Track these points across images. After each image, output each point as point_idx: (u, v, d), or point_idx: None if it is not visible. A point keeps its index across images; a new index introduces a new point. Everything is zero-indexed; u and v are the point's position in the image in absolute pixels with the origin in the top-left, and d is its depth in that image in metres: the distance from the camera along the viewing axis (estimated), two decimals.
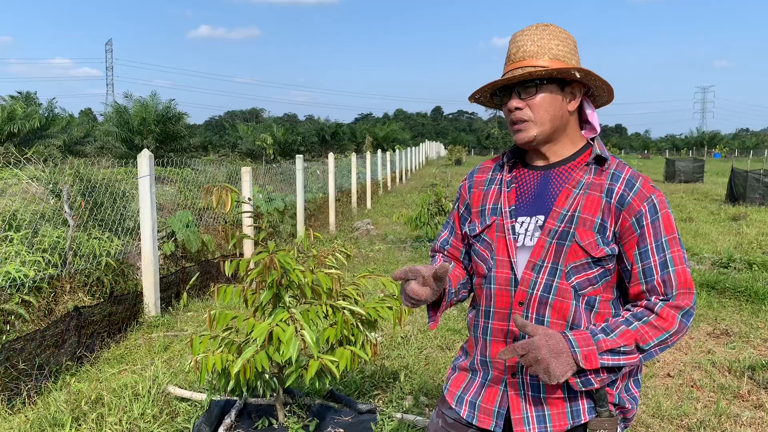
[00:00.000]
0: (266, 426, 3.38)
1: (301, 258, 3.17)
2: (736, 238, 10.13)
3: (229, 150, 38.79)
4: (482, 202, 1.75)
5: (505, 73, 1.63)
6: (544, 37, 1.61)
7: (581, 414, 1.59)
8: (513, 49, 1.64)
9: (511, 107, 1.62)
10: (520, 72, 1.57)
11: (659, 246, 1.54)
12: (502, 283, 1.64)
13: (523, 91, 1.60)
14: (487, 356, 1.70)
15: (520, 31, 1.66)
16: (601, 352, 1.47)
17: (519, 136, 1.63)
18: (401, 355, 4.70)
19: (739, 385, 4.18)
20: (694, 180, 24.05)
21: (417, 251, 9.48)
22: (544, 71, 1.54)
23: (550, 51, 1.59)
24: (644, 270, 1.54)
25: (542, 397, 1.61)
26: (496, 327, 1.67)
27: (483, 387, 1.71)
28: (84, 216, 6.26)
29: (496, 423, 1.66)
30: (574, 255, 1.57)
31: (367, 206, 16.46)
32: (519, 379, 1.63)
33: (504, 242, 1.65)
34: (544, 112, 1.60)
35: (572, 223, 1.57)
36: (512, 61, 1.63)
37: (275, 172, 12.91)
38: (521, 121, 1.62)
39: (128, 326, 5.44)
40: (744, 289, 6.46)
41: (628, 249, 1.56)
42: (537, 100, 1.59)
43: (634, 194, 1.56)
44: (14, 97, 28.84)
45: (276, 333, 2.77)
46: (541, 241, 1.60)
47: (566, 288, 1.57)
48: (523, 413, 1.62)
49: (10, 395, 3.86)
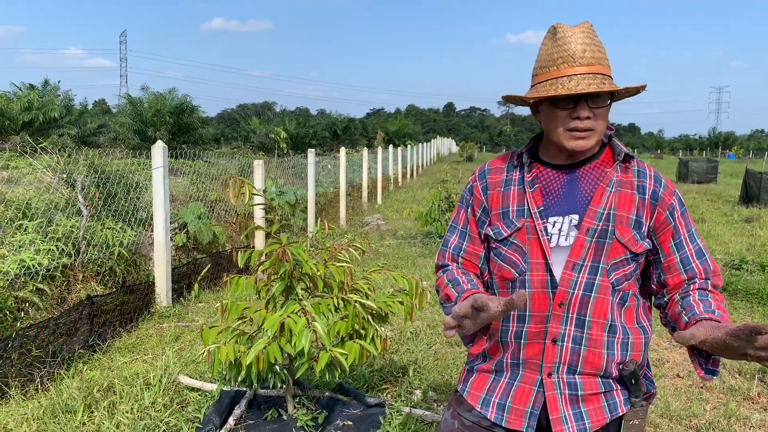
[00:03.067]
0: (275, 417, 3.41)
1: (314, 251, 3.18)
2: (749, 240, 10.05)
3: (242, 143, 38.90)
4: (503, 204, 1.70)
5: (569, 75, 1.54)
6: (596, 41, 1.58)
7: (618, 407, 1.63)
8: (576, 47, 1.55)
9: (581, 116, 1.55)
10: (607, 85, 1.53)
11: (691, 236, 1.63)
12: (538, 286, 1.62)
13: (593, 100, 1.55)
14: (519, 358, 1.67)
15: (577, 28, 1.57)
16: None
17: (579, 144, 1.58)
18: (410, 350, 4.72)
19: (749, 388, 4.16)
20: (707, 181, 23.83)
21: (427, 247, 9.48)
22: (633, 89, 1.57)
23: (605, 56, 1.59)
24: (682, 260, 1.62)
25: (579, 394, 1.62)
26: (532, 330, 1.64)
27: (512, 388, 1.68)
28: (97, 206, 6.31)
29: (528, 423, 1.64)
30: (615, 252, 1.59)
31: (377, 201, 16.47)
32: (555, 378, 1.63)
33: (538, 244, 1.63)
34: (604, 122, 1.60)
35: (610, 221, 1.59)
36: (580, 63, 1.54)
37: (287, 165, 12.94)
38: (587, 130, 1.57)
39: (140, 316, 5.49)
40: (756, 292, 6.42)
41: (664, 241, 1.62)
42: (603, 111, 1.58)
43: (664, 189, 1.63)
44: (33, 86, 29.01)
45: (288, 324, 2.79)
46: (579, 240, 1.60)
47: (606, 285, 1.60)
48: (561, 412, 1.61)
49: (24, 381, 3.91)
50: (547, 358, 1.63)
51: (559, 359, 1.62)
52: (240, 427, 3.34)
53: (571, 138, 1.58)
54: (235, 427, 3.34)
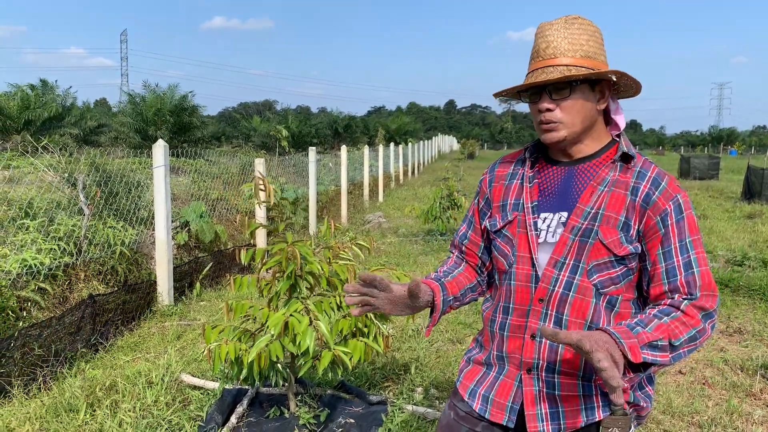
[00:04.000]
0: (278, 415, 3.41)
1: (317, 249, 3.18)
2: (750, 236, 10.03)
3: (243, 141, 38.90)
4: (503, 197, 1.72)
5: (533, 70, 1.57)
6: (573, 32, 1.55)
7: (595, 411, 1.58)
8: (542, 44, 1.57)
9: (542, 108, 1.56)
10: (556, 74, 1.51)
11: (683, 246, 1.52)
12: (523, 279, 1.63)
13: (555, 91, 1.55)
14: (503, 351, 1.68)
15: (548, 24, 1.59)
16: (642, 345, 1.40)
17: (548, 136, 1.58)
18: (412, 347, 4.72)
19: (752, 384, 4.15)
20: (709, 177, 23.78)
21: (429, 244, 9.48)
22: (582, 75, 1.50)
23: (581, 48, 1.55)
24: (667, 270, 1.52)
25: (557, 394, 1.60)
26: (514, 323, 1.66)
27: (497, 381, 1.70)
28: (99, 205, 6.31)
29: (509, 418, 1.65)
30: (597, 253, 1.55)
31: (379, 199, 16.47)
32: (534, 375, 1.62)
33: (525, 238, 1.63)
34: (576, 114, 1.56)
35: (596, 220, 1.55)
36: (542, 57, 1.56)
37: (288, 164, 12.94)
38: (552, 122, 1.56)
39: (142, 315, 5.50)
40: (758, 288, 6.41)
41: (651, 248, 1.54)
42: (569, 102, 1.54)
43: (660, 193, 1.53)
44: (33, 86, 29.03)
45: (291, 323, 2.79)
46: (563, 237, 1.58)
47: (587, 286, 1.56)
48: (537, 409, 1.61)
49: (26, 381, 3.92)
50: (527, 353, 1.62)
51: (537, 355, 1.61)
52: (242, 425, 3.35)
53: (542, 131, 1.59)
54: (237, 425, 3.35)
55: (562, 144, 1.61)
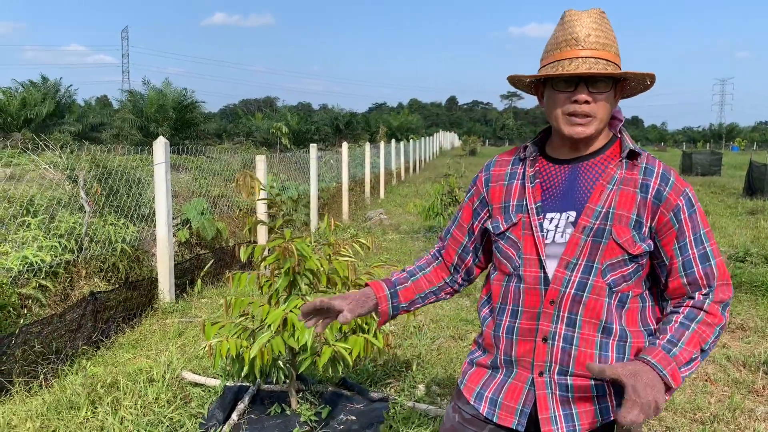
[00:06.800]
0: (279, 412, 3.41)
1: (317, 246, 3.18)
2: (753, 232, 10.01)
3: (244, 138, 38.88)
4: (504, 198, 1.68)
5: (570, 57, 1.52)
6: (606, 28, 1.54)
7: (610, 411, 1.58)
8: (580, 31, 1.52)
9: (580, 100, 1.51)
10: (602, 67, 1.48)
11: (698, 239, 1.54)
12: (531, 282, 1.60)
13: (592, 84, 1.51)
14: (512, 355, 1.65)
15: (584, 13, 1.55)
16: (680, 366, 1.46)
17: (577, 130, 1.53)
18: (413, 344, 4.71)
19: (754, 380, 4.14)
20: (711, 173, 23.74)
21: (430, 241, 9.48)
22: (633, 73, 1.50)
23: (614, 44, 1.54)
24: (684, 263, 1.54)
25: (570, 396, 1.59)
26: (524, 326, 1.63)
27: (505, 384, 1.67)
28: (100, 202, 6.31)
29: (519, 421, 1.63)
30: (611, 252, 1.54)
31: (380, 196, 16.47)
32: (546, 378, 1.60)
33: (532, 240, 1.60)
34: (606, 111, 1.54)
35: (608, 219, 1.54)
36: (583, 46, 1.51)
37: (289, 160, 12.93)
38: (586, 116, 1.52)
39: (143, 312, 5.50)
40: (761, 284, 6.39)
41: (666, 243, 1.55)
42: (604, 97, 1.53)
43: (670, 189, 1.54)
44: (34, 83, 29.03)
45: (290, 319, 2.78)
46: (574, 238, 1.56)
47: (601, 285, 1.55)
48: (551, 412, 1.59)
49: (27, 378, 3.92)
50: (538, 356, 1.60)
51: (550, 358, 1.59)
52: (243, 422, 3.34)
53: (569, 123, 1.54)
54: (238, 422, 3.34)
55: (585, 140, 1.58)
